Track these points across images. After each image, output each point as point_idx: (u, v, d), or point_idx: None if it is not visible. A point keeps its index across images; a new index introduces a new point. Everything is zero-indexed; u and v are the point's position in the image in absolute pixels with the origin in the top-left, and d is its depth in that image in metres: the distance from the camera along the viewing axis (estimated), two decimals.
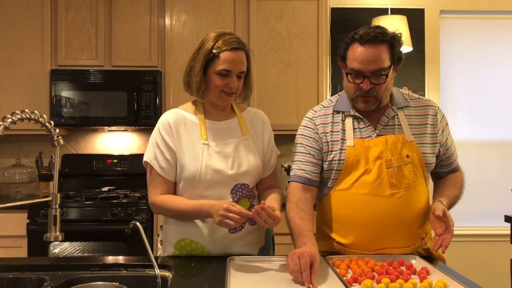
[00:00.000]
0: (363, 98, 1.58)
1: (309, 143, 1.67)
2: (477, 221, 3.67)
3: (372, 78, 1.54)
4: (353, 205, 1.59)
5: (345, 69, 1.61)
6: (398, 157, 1.58)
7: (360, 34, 1.54)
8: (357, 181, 1.59)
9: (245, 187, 1.68)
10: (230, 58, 1.58)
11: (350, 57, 1.57)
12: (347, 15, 3.60)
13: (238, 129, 1.71)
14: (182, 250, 1.68)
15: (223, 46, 1.58)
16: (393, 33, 1.57)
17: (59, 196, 1.32)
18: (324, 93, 3.28)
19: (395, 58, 1.57)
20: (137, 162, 3.41)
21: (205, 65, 1.61)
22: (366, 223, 1.57)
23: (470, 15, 3.69)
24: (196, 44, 1.67)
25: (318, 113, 1.71)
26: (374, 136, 1.61)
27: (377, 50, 1.53)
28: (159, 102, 3.18)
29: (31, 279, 1.48)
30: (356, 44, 1.55)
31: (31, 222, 2.81)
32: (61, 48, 3.19)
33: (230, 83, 1.60)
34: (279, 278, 1.37)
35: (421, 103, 1.69)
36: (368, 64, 1.53)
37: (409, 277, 1.34)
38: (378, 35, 1.52)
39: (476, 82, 3.70)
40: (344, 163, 1.60)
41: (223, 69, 1.59)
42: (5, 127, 1.19)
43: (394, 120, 1.63)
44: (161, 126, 1.66)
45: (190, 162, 1.61)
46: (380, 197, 1.56)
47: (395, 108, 1.64)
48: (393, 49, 1.56)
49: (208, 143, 1.64)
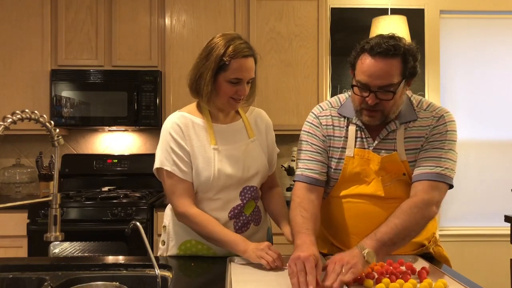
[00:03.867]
0: (369, 112, 1.49)
1: (316, 142, 1.60)
2: (477, 221, 3.67)
3: (379, 93, 1.44)
4: (349, 213, 1.58)
5: (353, 79, 1.51)
6: (393, 174, 1.53)
7: (371, 45, 1.43)
8: (353, 191, 1.56)
9: (253, 189, 1.68)
10: (241, 66, 1.56)
11: (359, 68, 1.47)
12: (347, 15, 3.60)
13: (244, 132, 1.71)
14: (187, 251, 1.68)
15: (235, 53, 1.55)
16: (408, 46, 1.44)
17: (59, 196, 1.32)
18: (324, 93, 3.28)
19: (407, 73, 1.45)
20: (137, 162, 3.42)
21: (215, 72, 1.57)
22: (362, 231, 1.52)
23: (470, 15, 3.69)
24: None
25: (324, 112, 1.64)
26: (371, 149, 1.55)
27: (387, 64, 1.41)
28: (159, 102, 3.18)
29: (31, 279, 1.48)
30: (366, 54, 1.44)
31: (31, 222, 2.81)
32: (61, 48, 3.20)
33: (240, 90, 1.59)
34: (279, 278, 1.37)
35: (430, 114, 1.55)
36: (375, 78, 1.42)
37: (409, 277, 1.34)
38: (390, 48, 1.40)
39: (476, 82, 3.70)
40: (341, 173, 1.57)
41: (234, 78, 1.56)
42: (5, 127, 1.19)
43: (393, 134, 1.54)
44: (172, 130, 1.62)
45: (203, 167, 1.60)
46: (376, 207, 1.54)
47: (397, 122, 1.54)
48: (406, 63, 1.44)
49: (218, 148, 1.63)
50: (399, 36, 1.47)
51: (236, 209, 1.65)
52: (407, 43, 1.46)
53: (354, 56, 1.51)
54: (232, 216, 1.65)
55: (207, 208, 1.64)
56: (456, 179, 1.54)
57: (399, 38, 1.46)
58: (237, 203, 1.65)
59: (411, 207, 1.42)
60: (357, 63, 1.49)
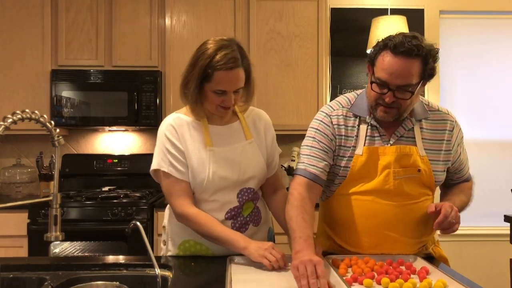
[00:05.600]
0: (384, 108, 1.49)
1: (324, 140, 1.59)
2: (477, 221, 3.67)
3: (397, 92, 1.45)
4: (354, 210, 1.57)
5: (372, 75, 1.51)
6: (408, 169, 1.53)
7: (395, 43, 1.42)
8: (360, 188, 1.56)
9: (250, 191, 1.67)
10: (224, 78, 1.52)
11: (379, 64, 1.46)
12: (347, 15, 3.60)
13: (241, 133, 1.69)
14: (186, 251, 1.68)
15: (219, 65, 1.51)
16: (430, 48, 1.44)
17: (59, 196, 1.32)
18: (324, 93, 3.28)
19: (426, 75, 1.46)
20: (138, 162, 3.42)
21: (200, 81, 1.56)
22: (366, 229, 1.54)
23: (470, 15, 3.69)
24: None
25: (336, 112, 1.62)
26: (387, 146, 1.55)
27: (408, 64, 1.42)
28: (159, 102, 3.19)
29: (32, 278, 1.48)
30: (388, 52, 1.44)
31: (32, 222, 2.81)
32: (61, 48, 3.20)
33: (226, 100, 1.57)
34: (280, 278, 1.37)
35: (440, 116, 1.61)
36: (396, 77, 1.43)
37: (409, 277, 1.34)
38: (413, 48, 1.40)
39: (476, 82, 3.70)
40: (350, 171, 1.56)
41: (218, 89, 1.55)
42: (5, 127, 1.19)
43: (410, 132, 1.56)
44: (167, 132, 1.62)
45: (197, 168, 1.60)
46: (382, 205, 1.54)
47: (413, 120, 1.56)
48: (426, 65, 1.44)
49: (213, 149, 1.62)
50: (421, 36, 1.46)
51: (233, 211, 1.65)
52: (428, 44, 1.46)
53: (375, 52, 1.49)
54: (229, 217, 1.64)
55: (204, 209, 1.63)
56: None
57: (421, 38, 1.45)
58: (234, 205, 1.64)
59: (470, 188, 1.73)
60: (377, 60, 1.48)
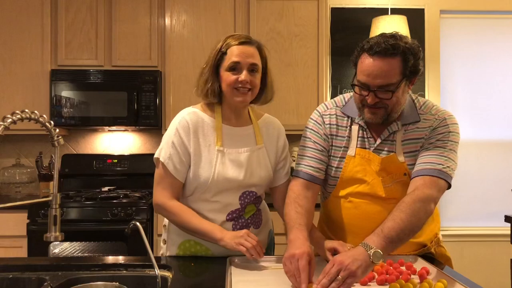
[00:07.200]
0: (370, 109, 1.49)
1: (318, 140, 1.60)
2: (477, 221, 3.67)
3: (379, 92, 1.44)
4: (350, 212, 1.58)
5: (354, 78, 1.52)
6: (394, 174, 1.53)
7: (371, 44, 1.42)
8: (355, 190, 1.56)
9: (253, 194, 1.67)
10: (237, 51, 1.57)
11: (359, 67, 1.47)
12: (347, 15, 3.60)
13: (253, 138, 1.69)
14: (186, 251, 1.68)
15: (231, 42, 1.59)
16: (408, 45, 1.43)
17: (59, 196, 1.32)
18: (324, 93, 3.28)
19: (407, 72, 1.44)
20: (137, 162, 3.42)
21: (216, 66, 1.59)
22: (363, 230, 1.52)
23: (470, 15, 3.69)
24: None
25: (329, 111, 1.63)
26: (372, 149, 1.55)
27: (385, 63, 1.41)
28: (159, 102, 3.18)
29: (31, 279, 1.47)
30: (365, 54, 1.44)
31: (31, 222, 2.81)
32: (61, 48, 3.20)
33: (241, 77, 1.56)
34: (279, 278, 1.37)
35: (432, 117, 1.54)
36: (374, 78, 1.42)
37: (409, 277, 1.34)
38: (389, 47, 1.40)
39: (476, 82, 3.70)
40: (342, 172, 1.57)
41: (231, 62, 1.56)
42: (5, 127, 1.19)
43: (394, 136, 1.54)
44: (179, 126, 1.61)
45: (203, 167, 1.59)
46: (377, 206, 1.54)
47: (399, 124, 1.53)
48: (406, 62, 1.42)
49: (222, 150, 1.61)
50: (401, 35, 1.46)
51: (234, 213, 1.65)
52: (408, 41, 1.45)
53: (356, 55, 1.51)
54: (230, 218, 1.64)
55: (203, 209, 1.63)
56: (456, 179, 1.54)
57: (400, 36, 1.45)
58: (236, 207, 1.64)
59: (414, 202, 1.38)
60: (358, 63, 1.49)
